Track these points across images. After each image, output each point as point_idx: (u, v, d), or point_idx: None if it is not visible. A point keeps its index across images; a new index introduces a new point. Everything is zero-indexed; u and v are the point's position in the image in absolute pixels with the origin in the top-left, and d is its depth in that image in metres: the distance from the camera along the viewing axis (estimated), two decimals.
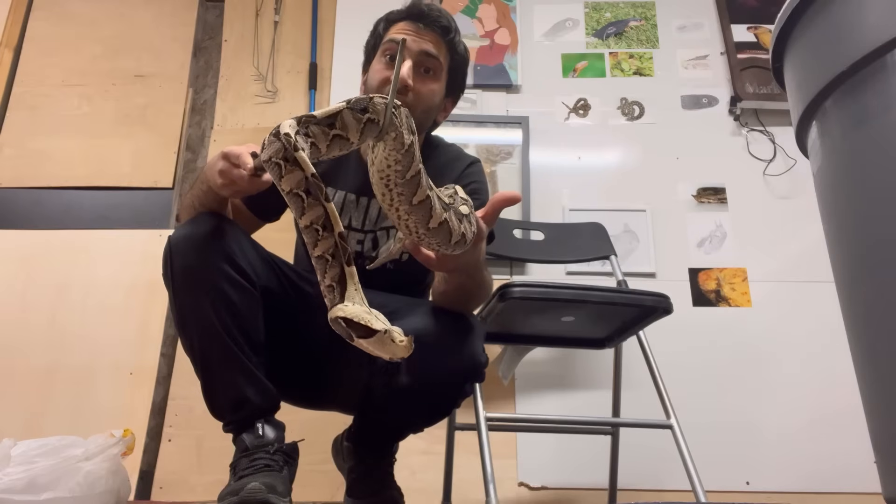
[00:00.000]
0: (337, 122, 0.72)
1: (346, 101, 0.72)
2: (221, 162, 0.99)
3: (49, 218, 2.39)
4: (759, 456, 2.08)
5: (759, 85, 2.53)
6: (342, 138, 0.72)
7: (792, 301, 2.26)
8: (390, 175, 0.74)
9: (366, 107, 0.71)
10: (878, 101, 0.90)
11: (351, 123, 0.72)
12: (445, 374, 1.06)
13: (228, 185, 0.99)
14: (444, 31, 1.25)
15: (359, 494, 1.17)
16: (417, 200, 0.75)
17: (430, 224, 0.77)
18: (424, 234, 0.78)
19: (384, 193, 0.75)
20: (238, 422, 1.08)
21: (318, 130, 0.72)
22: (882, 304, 0.91)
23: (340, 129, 0.72)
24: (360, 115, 0.71)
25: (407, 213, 0.76)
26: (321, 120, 0.72)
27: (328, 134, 0.72)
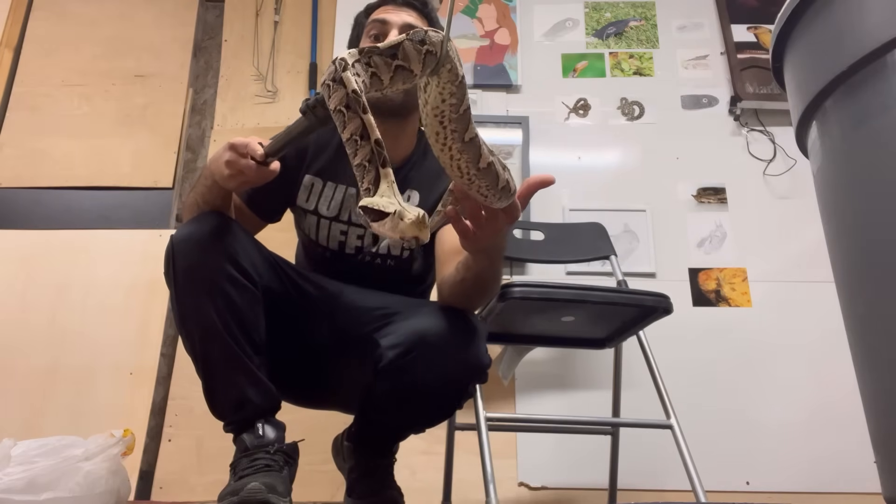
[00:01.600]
0: (399, 53, 0.72)
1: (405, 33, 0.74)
2: (228, 153, 0.99)
3: (49, 218, 2.39)
4: (759, 456, 2.08)
5: (759, 85, 2.53)
6: (405, 69, 0.73)
7: (792, 301, 2.26)
8: (445, 110, 0.74)
9: (423, 38, 0.72)
10: (878, 101, 0.90)
11: (412, 54, 0.72)
12: (449, 375, 1.06)
13: (236, 176, 0.99)
14: (422, 4, 1.33)
15: (359, 494, 1.17)
16: (469, 137, 0.77)
17: (479, 164, 0.78)
18: (475, 175, 0.78)
19: (438, 132, 0.76)
20: (238, 422, 1.08)
21: (381, 61, 0.73)
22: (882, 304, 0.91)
23: (403, 60, 0.72)
24: (419, 47, 0.72)
25: (459, 152, 0.77)
26: (384, 51, 0.73)
27: (391, 65, 0.73)
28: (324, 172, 1.29)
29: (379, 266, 1.27)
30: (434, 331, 1.04)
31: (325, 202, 1.28)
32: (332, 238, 1.27)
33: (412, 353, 1.03)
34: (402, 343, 1.04)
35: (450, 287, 1.08)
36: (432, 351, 1.03)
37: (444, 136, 0.76)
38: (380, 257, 1.27)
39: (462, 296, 1.08)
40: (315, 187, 1.29)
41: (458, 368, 1.06)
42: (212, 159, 1.06)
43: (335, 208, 1.27)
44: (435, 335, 1.04)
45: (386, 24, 1.27)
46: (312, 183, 1.29)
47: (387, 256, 1.27)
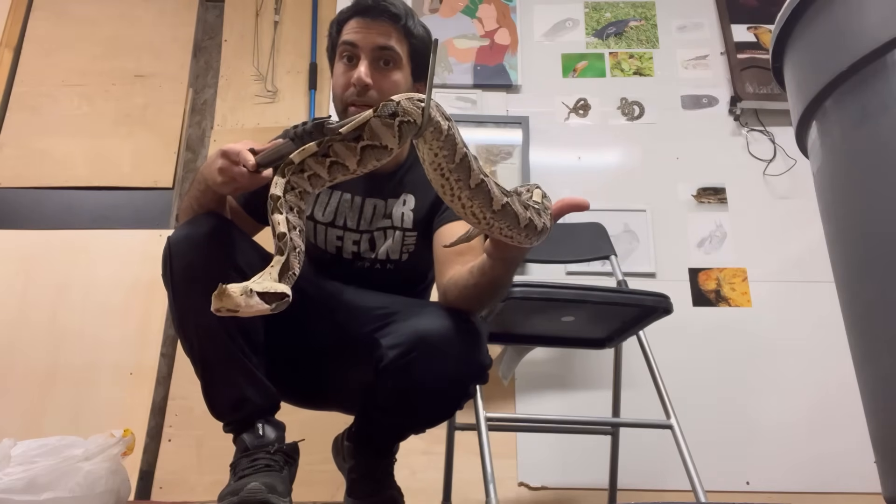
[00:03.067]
0: (364, 135, 0.72)
1: (373, 109, 0.72)
2: (220, 160, 0.98)
3: (49, 218, 2.39)
4: (759, 456, 2.09)
5: (759, 85, 2.53)
6: (376, 147, 0.73)
7: (792, 301, 2.26)
8: (441, 163, 0.75)
9: (394, 111, 0.71)
10: (878, 101, 0.90)
11: (382, 131, 0.72)
12: (449, 375, 1.05)
13: (229, 183, 0.99)
14: (394, 19, 1.21)
15: (359, 494, 1.17)
16: (474, 184, 0.77)
17: (493, 207, 0.78)
18: (492, 218, 0.79)
19: (443, 185, 0.76)
20: (238, 422, 1.08)
21: (343, 148, 0.73)
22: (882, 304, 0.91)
23: (371, 140, 0.72)
24: (390, 121, 0.71)
25: (469, 199, 0.77)
26: (346, 135, 0.72)
27: (355, 149, 0.73)
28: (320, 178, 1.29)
29: (379, 271, 1.27)
30: (435, 331, 1.04)
31: (320, 207, 1.27)
32: (330, 243, 1.27)
33: (413, 352, 1.03)
34: (403, 343, 1.03)
35: (460, 290, 1.07)
36: (433, 351, 1.02)
37: (449, 188, 0.76)
38: (379, 262, 1.26)
39: (473, 299, 1.07)
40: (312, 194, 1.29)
41: (459, 369, 1.06)
42: (205, 165, 1.07)
43: (330, 214, 1.27)
44: (436, 335, 1.03)
45: (356, 48, 1.20)
46: None
47: (386, 261, 1.26)
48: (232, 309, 0.63)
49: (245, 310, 0.64)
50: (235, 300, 0.63)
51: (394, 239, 1.25)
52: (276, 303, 0.68)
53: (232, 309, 0.63)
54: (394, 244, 1.25)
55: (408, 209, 1.26)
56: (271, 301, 0.67)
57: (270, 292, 0.67)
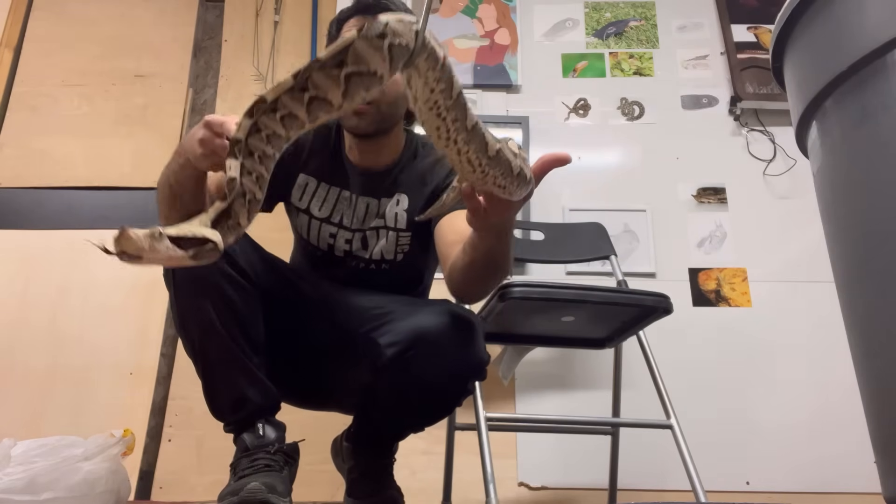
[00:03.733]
0: (348, 59, 0.60)
1: (357, 29, 0.60)
2: (202, 130, 0.93)
3: (49, 218, 2.39)
4: (759, 456, 2.08)
5: (759, 85, 2.53)
6: (364, 75, 0.60)
7: (792, 301, 2.26)
8: (437, 100, 0.66)
9: (382, 31, 0.59)
10: (878, 101, 0.90)
11: (370, 54, 0.59)
12: (449, 372, 1.05)
13: (209, 156, 0.93)
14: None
15: (359, 494, 1.17)
16: (471, 125, 0.69)
17: (489, 152, 0.71)
18: (488, 165, 0.71)
19: (439, 126, 0.68)
20: (239, 422, 1.08)
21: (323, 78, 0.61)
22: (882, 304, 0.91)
23: (355, 65, 0.60)
24: (379, 42, 0.59)
25: (466, 143, 0.69)
26: (326, 62, 0.60)
27: (338, 77, 0.60)
28: (319, 173, 1.28)
29: (374, 271, 1.26)
30: (433, 328, 1.04)
31: (317, 202, 1.27)
32: (322, 239, 1.27)
33: (411, 350, 1.03)
34: (402, 341, 1.04)
35: (460, 272, 1.05)
36: (432, 348, 1.03)
37: (445, 129, 0.68)
38: (374, 262, 1.26)
39: (477, 279, 1.05)
40: (309, 187, 1.28)
41: (458, 365, 1.06)
42: (187, 135, 1.00)
43: (327, 209, 1.27)
44: (434, 332, 1.03)
45: None
46: (307, 182, 1.28)
47: (381, 261, 1.26)
48: (132, 253, 0.54)
49: (150, 255, 0.54)
50: (137, 243, 0.54)
51: (387, 239, 1.25)
52: (195, 249, 0.57)
53: (132, 253, 0.54)
54: (388, 244, 1.25)
55: (401, 209, 1.25)
56: (188, 247, 0.57)
57: (188, 237, 0.56)
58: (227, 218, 0.63)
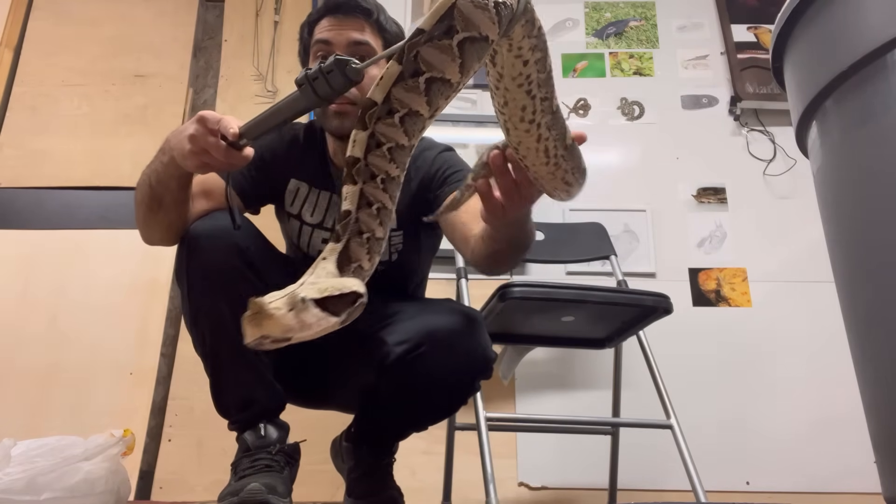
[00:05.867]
0: (458, 24, 0.50)
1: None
2: (195, 125, 0.87)
3: (49, 218, 2.38)
4: (759, 456, 2.08)
5: (759, 85, 2.53)
6: (477, 40, 0.50)
7: (792, 301, 2.26)
8: (531, 74, 0.56)
9: None
10: (878, 101, 0.90)
11: (478, 16, 0.49)
12: (457, 370, 1.06)
13: (198, 154, 0.87)
14: (366, 14, 1.19)
15: (358, 494, 1.17)
16: (556, 107, 0.60)
17: (566, 141, 0.61)
18: (563, 157, 0.61)
19: (525, 106, 0.57)
20: (244, 420, 1.08)
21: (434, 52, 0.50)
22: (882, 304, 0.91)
23: (467, 30, 0.50)
24: (484, 2, 0.49)
25: (548, 128, 0.60)
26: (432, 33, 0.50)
27: (451, 48, 0.50)
28: (311, 178, 1.26)
29: None
30: (443, 326, 1.04)
31: (309, 207, 1.25)
32: (313, 246, 1.25)
33: (420, 348, 1.02)
34: (411, 339, 1.03)
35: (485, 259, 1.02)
36: (440, 346, 1.03)
37: (531, 110, 0.58)
38: None
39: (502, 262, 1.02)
40: (300, 192, 1.26)
41: (466, 363, 1.06)
42: (175, 130, 0.94)
43: (319, 215, 1.25)
44: (444, 331, 1.04)
45: (330, 45, 1.16)
46: (298, 187, 1.26)
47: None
48: (279, 337, 0.42)
49: (301, 333, 0.44)
50: (283, 322, 0.42)
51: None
52: (349, 310, 0.48)
53: (279, 337, 0.42)
54: None
55: None
56: (340, 309, 0.46)
57: (335, 296, 0.46)
58: (348, 261, 0.53)
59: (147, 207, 1.06)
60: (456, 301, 1.13)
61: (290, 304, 0.43)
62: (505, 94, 0.58)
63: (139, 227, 1.12)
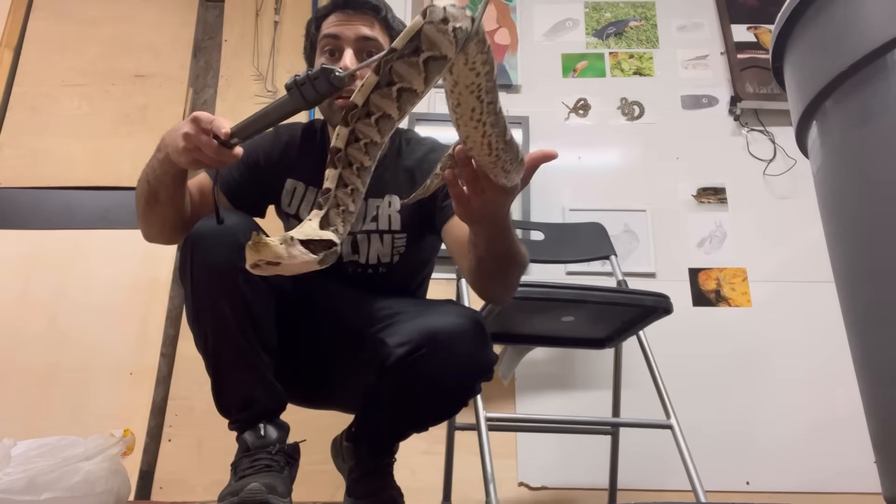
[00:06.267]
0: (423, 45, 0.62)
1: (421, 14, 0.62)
2: (189, 124, 0.92)
3: (49, 218, 2.39)
4: (759, 456, 2.08)
5: (759, 85, 2.53)
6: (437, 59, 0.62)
7: (792, 301, 2.26)
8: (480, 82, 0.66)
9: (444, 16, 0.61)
10: (878, 101, 0.90)
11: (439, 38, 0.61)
12: (458, 372, 1.05)
13: (191, 151, 0.93)
14: (374, 11, 1.21)
15: (359, 494, 1.17)
16: (499, 108, 0.70)
17: (506, 136, 0.73)
18: (503, 150, 0.73)
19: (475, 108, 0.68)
20: (244, 420, 1.08)
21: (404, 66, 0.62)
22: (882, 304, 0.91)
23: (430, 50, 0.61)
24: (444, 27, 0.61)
25: (492, 126, 0.70)
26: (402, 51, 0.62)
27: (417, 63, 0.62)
28: (307, 176, 1.26)
29: (372, 275, 1.25)
30: (444, 328, 1.04)
31: (306, 206, 1.25)
32: None
33: (421, 349, 1.02)
34: (411, 340, 1.03)
35: (474, 274, 1.05)
36: (442, 348, 1.02)
37: (479, 111, 0.69)
38: (371, 267, 1.25)
39: (489, 275, 1.04)
40: (297, 192, 1.26)
41: (467, 365, 1.06)
42: (171, 129, 0.99)
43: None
44: (445, 332, 1.03)
45: (338, 40, 1.18)
46: (295, 187, 1.27)
47: (378, 265, 1.25)
48: (272, 261, 0.55)
49: (288, 261, 0.56)
50: (275, 250, 0.55)
51: (383, 242, 1.24)
52: (324, 252, 0.60)
53: (272, 261, 0.55)
54: (383, 248, 1.24)
55: (394, 211, 1.24)
56: (317, 250, 0.59)
57: (315, 240, 0.59)
58: (327, 223, 0.66)
59: (145, 202, 1.11)
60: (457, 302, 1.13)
61: (282, 240, 0.56)
62: (458, 98, 0.69)
63: (139, 224, 1.16)
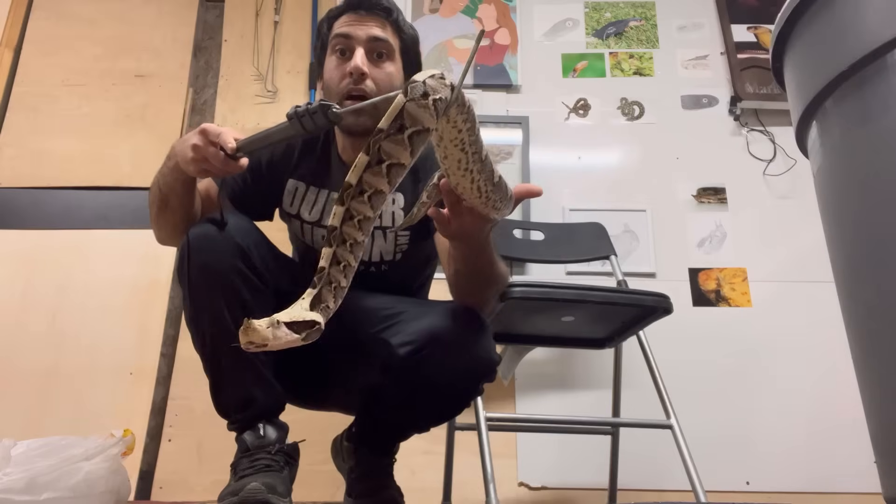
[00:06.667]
0: (406, 122, 0.68)
1: (402, 92, 0.68)
2: (197, 136, 0.96)
3: (49, 218, 2.39)
4: (759, 456, 2.08)
5: (759, 85, 2.53)
6: (421, 131, 0.68)
7: (792, 301, 2.26)
8: (464, 138, 0.73)
9: (424, 91, 0.67)
10: (878, 101, 0.90)
11: (420, 114, 0.67)
12: (461, 372, 1.05)
13: (199, 162, 0.97)
14: (386, 13, 1.23)
15: (359, 494, 1.17)
16: (484, 155, 0.77)
17: (494, 179, 0.79)
18: (491, 191, 0.79)
19: (461, 159, 0.75)
20: (243, 420, 1.08)
21: (391, 144, 0.68)
22: (882, 304, 0.91)
23: (413, 125, 0.68)
24: (424, 101, 0.67)
25: (479, 172, 0.77)
26: (388, 131, 0.68)
27: (403, 139, 0.68)
28: (308, 177, 1.27)
29: (374, 273, 1.26)
30: (447, 328, 1.04)
31: (307, 206, 1.26)
32: (316, 242, 1.27)
33: (425, 349, 1.02)
34: (415, 340, 1.03)
35: (452, 285, 1.09)
36: (445, 348, 1.02)
37: (465, 161, 0.75)
38: (374, 265, 1.25)
39: (465, 288, 1.08)
40: (299, 191, 1.27)
41: (471, 365, 1.06)
42: (180, 139, 1.04)
43: (317, 213, 1.25)
44: (448, 332, 1.03)
45: (350, 39, 1.20)
46: (296, 187, 1.27)
47: (380, 263, 1.25)
48: (259, 343, 0.63)
49: (274, 342, 0.64)
50: (262, 333, 0.63)
51: (386, 240, 1.24)
52: (307, 332, 0.67)
53: (259, 343, 0.63)
54: (386, 245, 1.25)
55: (398, 208, 1.24)
56: (300, 330, 0.67)
57: (299, 321, 0.67)
58: (319, 301, 0.74)
59: (157, 208, 1.16)
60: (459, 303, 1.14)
61: (269, 323, 0.65)
62: (445, 151, 0.74)
63: (152, 228, 1.22)
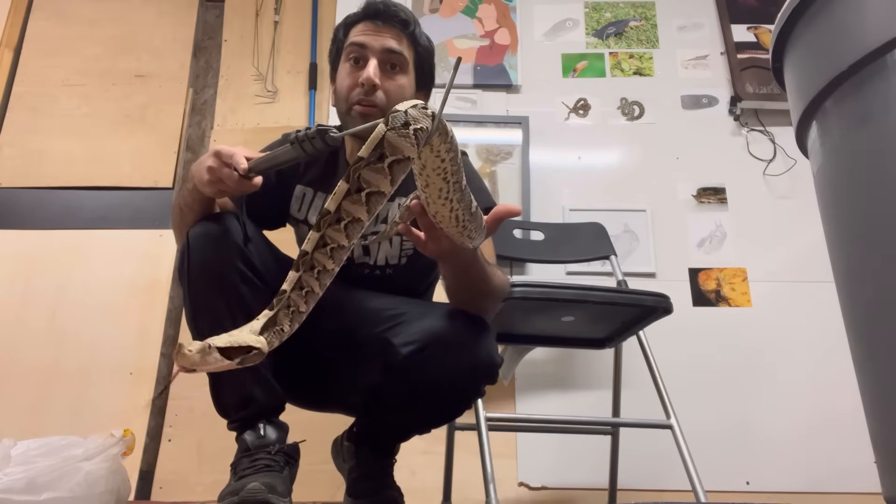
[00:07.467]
0: (386, 151, 0.68)
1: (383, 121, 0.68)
2: (211, 159, 0.99)
3: (49, 218, 2.39)
4: (759, 456, 2.08)
5: (759, 85, 2.53)
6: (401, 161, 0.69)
7: (792, 301, 2.26)
8: (446, 167, 0.74)
9: (405, 121, 0.68)
10: (878, 101, 0.90)
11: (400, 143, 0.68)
12: (462, 373, 1.05)
13: (215, 183, 1.00)
14: (403, 25, 1.22)
15: (359, 494, 1.17)
16: (463, 185, 0.77)
17: (471, 209, 0.80)
18: (468, 220, 0.80)
19: (442, 188, 0.75)
20: (243, 420, 1.08)
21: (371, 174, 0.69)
22: (882, 304, 0.91)
23: (393, 154, 0.68)
24: (405, 131, 0.68)
25: (458, 202, 0.77)
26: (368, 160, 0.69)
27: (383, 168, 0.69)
28: (315, 183, 1.28)
29: (379, 277, 1.26)
30: (449, 329, 1.04)
31: (315, 212, 1.27)
32: None
33: (427, 349, 1.03)
34: (417, 341, 1.03)
35: (449, 297, 1.11)
36: (447, 349, 1.03)
37: (447, 191, 0.76)
38: (379, 269, 1.26)
39: (460, 298, 1.09)
40: (307, 197, 1.28)
41: (472, 366, 1.06)
42: (196, 163, 1.07)
43: None
44: (450, 333, 1.04)
45: (364, 49, 1.20)
46: (304, 193, 1.28)
47: (385, 266, 1.26)
48: (189, 367, 0.63)
49: (202, 367, 0.64)
50: (191, 358, 0.63)
51: (391, 244, 1.25)
52: (241, 357, 0.67)
53: (189, 367, 0.63)
54: (392, 249, 1.25)
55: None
56: (235, 356, 0.66)
57: (234, 347, 0.66)
58: (273, 324, 0.73)
59: (179, 229, 1.17)
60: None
61: (200, 349, 0.63)
62: (426, 179, 0.75)
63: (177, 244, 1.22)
